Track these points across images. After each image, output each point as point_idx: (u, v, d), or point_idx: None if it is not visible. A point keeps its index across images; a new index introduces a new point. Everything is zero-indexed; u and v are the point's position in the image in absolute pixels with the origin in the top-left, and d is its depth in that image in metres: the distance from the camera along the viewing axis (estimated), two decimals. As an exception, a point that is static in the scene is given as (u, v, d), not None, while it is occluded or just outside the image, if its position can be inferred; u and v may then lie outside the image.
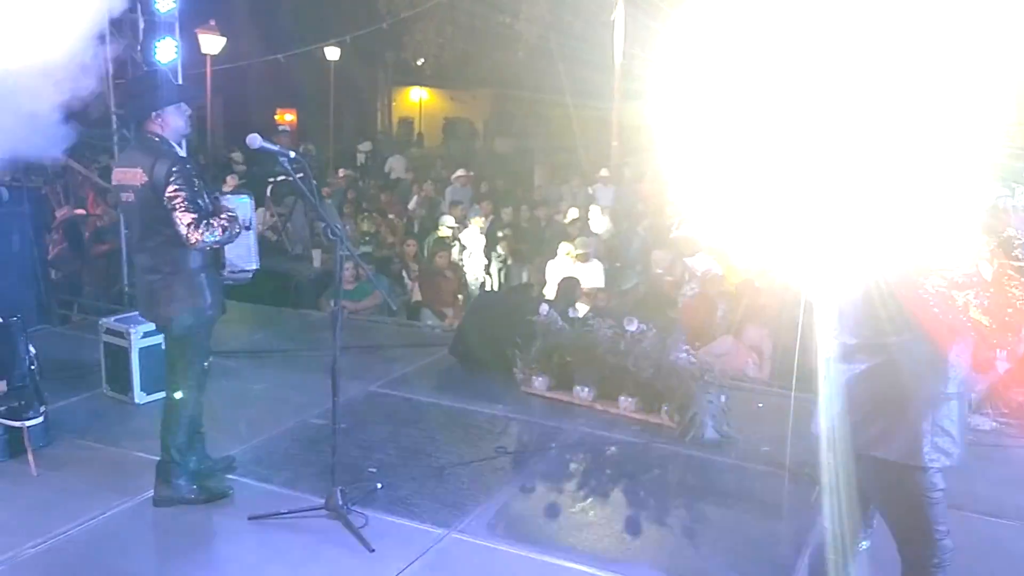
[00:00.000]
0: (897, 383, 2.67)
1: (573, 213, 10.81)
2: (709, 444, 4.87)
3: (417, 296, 8.46)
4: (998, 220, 2.64)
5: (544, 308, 5.57)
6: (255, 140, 3.63)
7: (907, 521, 2.81)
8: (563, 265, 8.61)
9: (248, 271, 4.07)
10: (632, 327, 5.24)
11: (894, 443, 2.70)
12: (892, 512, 2.86)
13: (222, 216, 3.77)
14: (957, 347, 2.63)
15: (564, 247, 8.75)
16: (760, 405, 5.58)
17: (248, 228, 4.02)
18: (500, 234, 10.72)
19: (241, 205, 3.98)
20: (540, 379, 5.51)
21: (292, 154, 3.69)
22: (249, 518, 3.90)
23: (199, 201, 3.75)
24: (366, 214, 11.27)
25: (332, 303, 3.77)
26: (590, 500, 4.30)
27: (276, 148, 3.68)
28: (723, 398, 5.07)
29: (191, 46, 14.40)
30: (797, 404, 5.60)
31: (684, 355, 5.20)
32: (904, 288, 2.57)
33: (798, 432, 5.09)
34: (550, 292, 7.95)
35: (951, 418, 2.67)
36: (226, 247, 3.91)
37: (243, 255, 4.01)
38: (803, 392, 5.91)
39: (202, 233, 3.70)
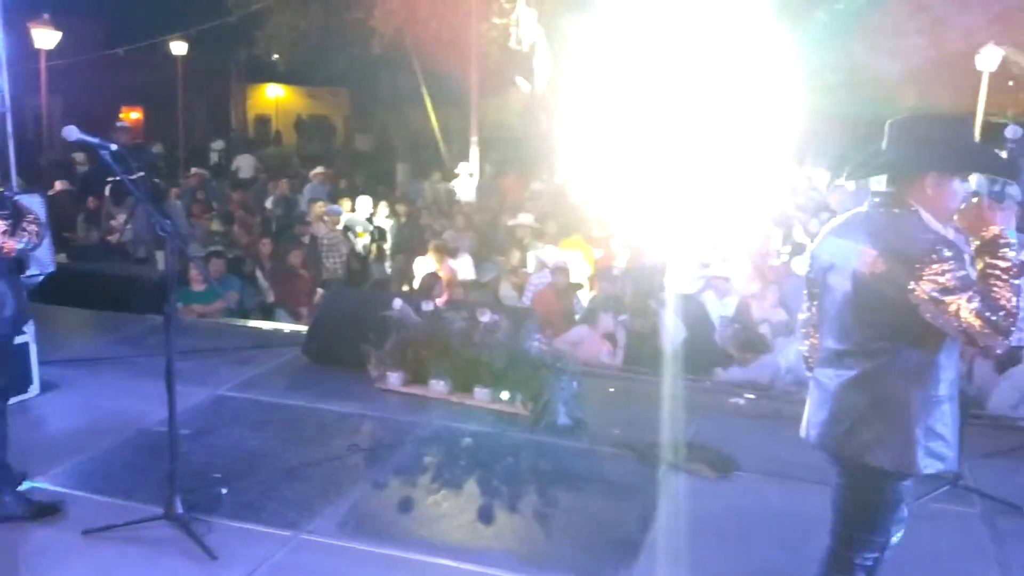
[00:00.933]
0: (888, 389, 2.62)
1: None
2: (562, 430, 4.94)
3: (272, 296, 8.25)
4: (979, 219, 2.54)
5: (397, 303, 5.52)
6: (72, 132, 3.43)
7: (864, 523, 2.78)
8: (431, 261, 8.58)
9: (43, 274, 3.85)
10: (485, 318, 5.26)
11: (887, 450, 2.63)
12: (852, 513, 2.81)
13: (29, 219, 3.56)
14: (948, 349, 2.61)
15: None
16: (612, 390, 5.71)
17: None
18: (359, 230, 10.61)
19: (35, 205, 3.77)
20: (395, 375, 5.46)
21: (114, 147, 3.50)
22: (83, 533, 3.68)
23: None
24: (215, 214, 10.90)
25: (169, 303, 3.60)
26: (443, 492, 4.28)
27: (95, 141, 3.48)
28: (575, 384, 5.17)
29: (22, 40, 13.55)
30: (647, 387, 5.83)
31: (537, 344, 5.27)
32: (895, 293, 2.51)
33: (647, 414, 5.28)
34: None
35: (944, 422, 2.63)
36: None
37: (43, 258, 3.80)
38: (655, 376, 6.17)
39: (17, 240, 3.48)
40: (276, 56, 20.40)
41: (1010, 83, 20.43)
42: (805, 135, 21.61)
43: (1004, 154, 3.93)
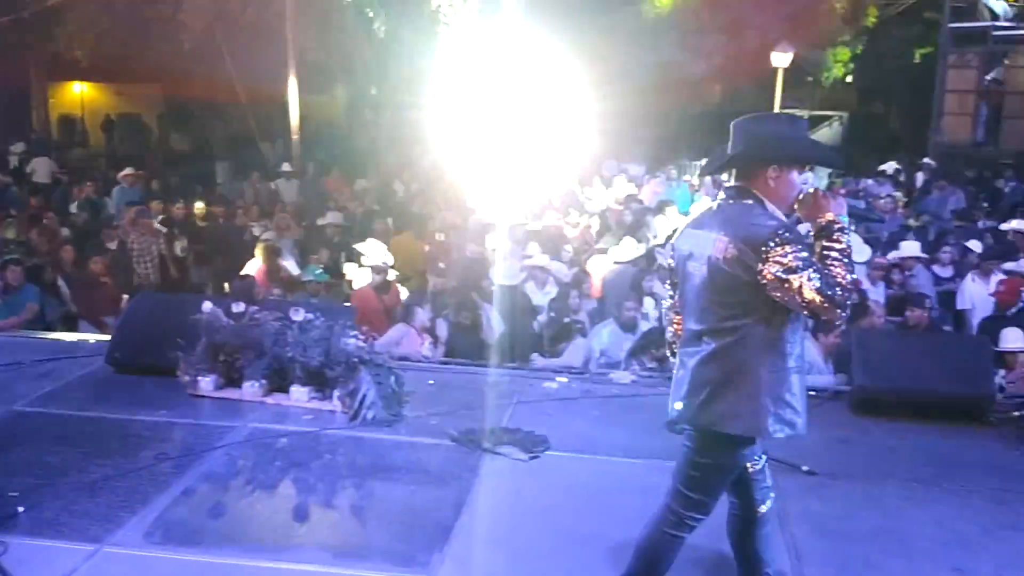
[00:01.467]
0: (739, 362, 2.86)
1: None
2: (380, 424, 5.00)
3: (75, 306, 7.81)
4: (816, 207, 2.83)
5: (207, 306, 5.38)
6: None
7: (697, 485, 3.03)
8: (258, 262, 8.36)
9: None
10: (299, 316, 5.23)
11: (739, 418, 2.87)
12: (695, 477, 3.05)
13: None
14: (792, 325, 2.87)
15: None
16: (431, 382, 5.81)
17: None
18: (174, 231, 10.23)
19: None
20: (207, 379, 5.33)
21: None
22: None
23: None
24: (11, 220, 10.18)
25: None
26: (257, 494, 4.25)
27: None
28: (393, 379, 5.23)
29: None
30: (466, 378, 5.97)
31: (353, 340, 5.29)
32: (745, 275, 2.76)
33: (465, 403, 5.42)
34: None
35: (791, 391, 2.87)
36: None
37: None
38: (474, 367, 6.32)
39: None
40: (80, 53, 19.21)
41: (809, 79, 22.08)
42: (620, 132, 22.53)
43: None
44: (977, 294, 7.96)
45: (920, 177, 15.79)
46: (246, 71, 18.35)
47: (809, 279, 2.64)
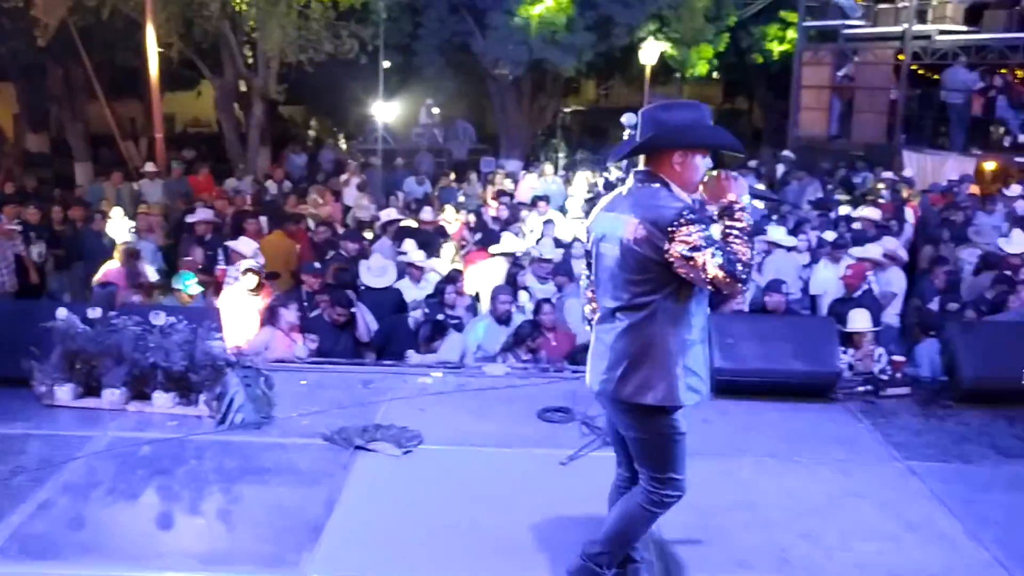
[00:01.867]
0: (652, 336, 3.03)
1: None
2: (249, 427, 4.92)
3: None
4: (718, 189, 3.02)
5: (61, 311, 5.17)
6: None
7: (657, 463, 3.16)
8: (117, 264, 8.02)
9: None
10: (159, 320, 5.08)
11: (655, 389, 3.03)
12: (644, 454, 3.20)
13: None
14: (697, 299, 3.07)
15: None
16: (303, 383, 5.75)
17: None
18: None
19: None
20: (64, 388, 5.12)
21: None
22: None
23: None
24: None
25: None
26: (120, 504, 4.12)
27: None
28: (262, 380, 5.16)
29: None
30: (339, 378, 5.94)
31: (218, 342, 5.18)
32: (653, 254, 2.93)
33: (338, 402, 5.40)
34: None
35: (697, 360, 3.08)
36: None
37: None
38: (348, 366, 6.29)
39: None
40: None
41: (677, 75, 22.78)
42: (497, 129, 22.73)
43: (625, 136, 4.44)
44: (828, 279, 8.43)
45: (780, 169, 16.56)
46: (105, 68, 17.57)
47: (712, 256, 2.82)
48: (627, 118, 4.44)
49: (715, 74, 25.39)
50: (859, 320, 6.69)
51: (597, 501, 4.18)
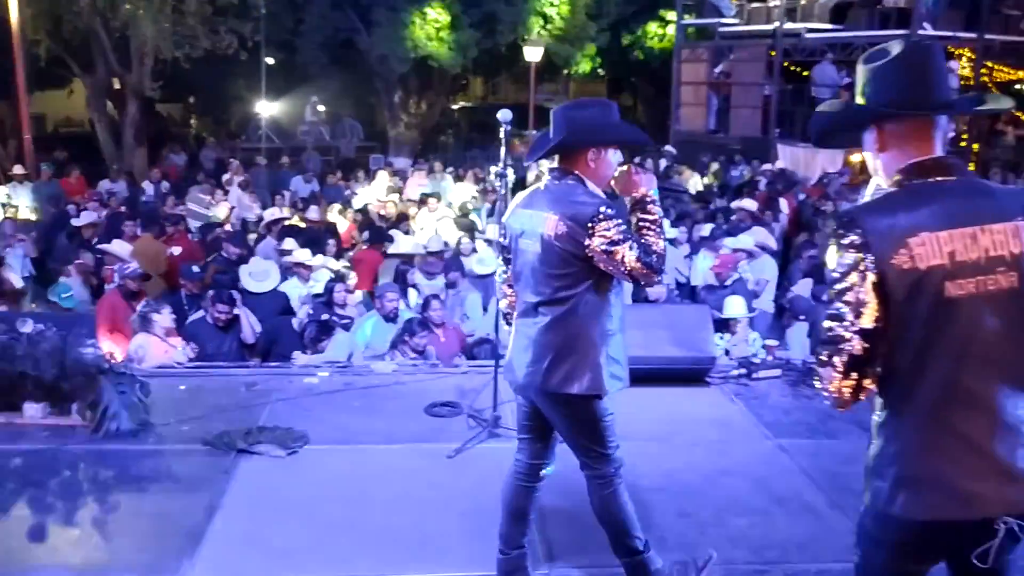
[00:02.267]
0: (576, 328, 3.10)
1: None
2: (126, 435, 4.78)
3: None
4: (629, 183, 3.12)
5: (-84, 323, 4.90)
6: None
7: (590, 444, 3.24)
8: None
9: None
10: (27, 328, 4.88)
11: (581, 379, 3.09)
12: (577, 439, 3.27)
13: None
14: (615, 291, 3.16)
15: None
16: (183, 387, 5.62)
17: None
18: None
19: None
20: (-75, 403, 4.86)
21: None
22: None
23: None
24: None
25: None
26: (-14, 520, 3.95)
27: None
28: (138, 387, 5.01)
29: None
30: (221, 381, 5.82)
31: (92, 349, 5.01)
32: (574, 249, 3.01)
33: (219, 406, 5.30)
34: None
35: (617, 349, 3.17)
36: None
37: None
38: (230, 369, 6.17)
39: None
40: None
41: (565, 72, 23.12)
42: (386, 126, 22.57)
43: (501, 134, 4.51)
44: (708, 270, 8.74)
45: (663, 163, 17.04)
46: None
47: (631, 248, 2.95)
48: (503, 114, 4.49)
49: (600, 71, 25.87)
50: (734, 307, 6.97)
51: (484, 491, 4.26)
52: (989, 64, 16.83)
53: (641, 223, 3.08)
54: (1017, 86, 18.75)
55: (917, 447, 2.01)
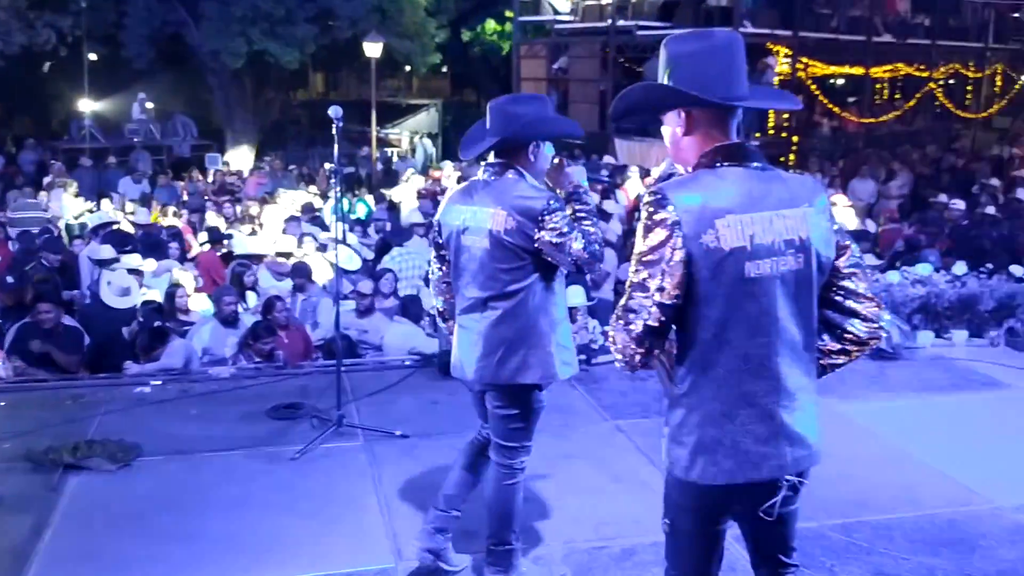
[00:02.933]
0: (526, 319, 3.15)
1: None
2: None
3: None
4: (562, 176, 3.23)
5: None
6: None
7: (517, 432, 3.27)
8: None
9: None
10: None
11: (533, 368, 3.15)
12: (508, 428, 3.27)
13: None
14: (559, 280, 3.23)
15: None
16: (2, 404, 5.28)
17: None
18: None
19: None
20: None
21: None
22: None
23: None
24: None
25: None
26: None
27: None
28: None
29: None
30: (45, 396, 5.51)
31: None
32: (524, 243, 3.07)
33: (44, 421, 5.01)
34: None
35: (566, 336, 3.26)
36: None
37: None
38: (54, 383, 5.84)
39: None
40: None
41: (407, 68, 22.99)
42: (222, 123, 21.81)
43: (333, 130, 4.49)
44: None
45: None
46: None
47: (576, 239, 3.04)
48: (333, 110, 4.46)
49: (443, 67, 25.95)
50: (574, 296, 7.18)
51: (331, 490, 4.25)
52: (804, 60, 17.94)
53: (578, 213, 3.15)
54: (831, 80, 20.13)
55: (715, 415, 2.13)
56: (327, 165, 12.53)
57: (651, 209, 2.10)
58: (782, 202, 2.12)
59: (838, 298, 2.24)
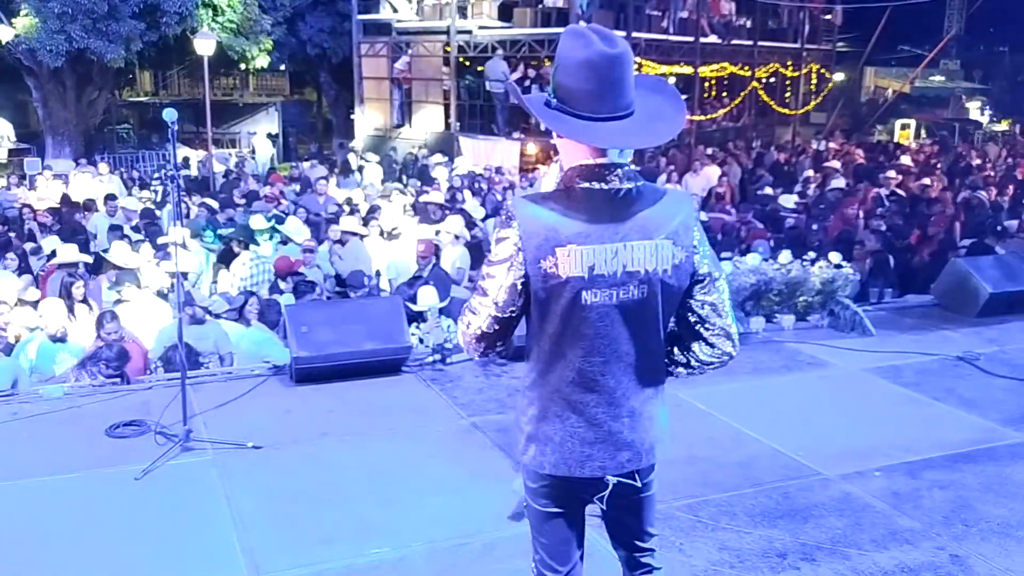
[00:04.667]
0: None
1: None
2: None
3: None
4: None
5: None
6: None
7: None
8: None
9: None
10: None
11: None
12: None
13: None
14: None
15: None
16: None
17: None
18: None
19: None
20: None
21: None
22: None
23: None
24: None
25: None
26: None
27: None
28: None
29: None
30: None
31: None
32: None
33: None
34: None
35: None
36: None
37: None
38: None
39: None
40: None
41: (243, 67, 22.22)
42: (42, 126, 20.43)
43: (169, 134, 4.31)
44: (403, 263, 8.96)
45: (355, 160, 17.09)
46: None
47: None
48: (168, 113, 4.28)
49: (281, 65, 25.26)
50: (426, 297, 7.19)
51: (179, 510, 4.09)
52: (638, 59, 18.63)
53: None
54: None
55: (548, 415, 2.28)
56: (163, 172, 11.97)
57: (502, 221, 2.18)
58: (635, 232, 2.15)
59: (692, 319, 2.31)
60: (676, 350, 2.37)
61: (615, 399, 2.26)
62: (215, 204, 11.51)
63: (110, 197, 11.68)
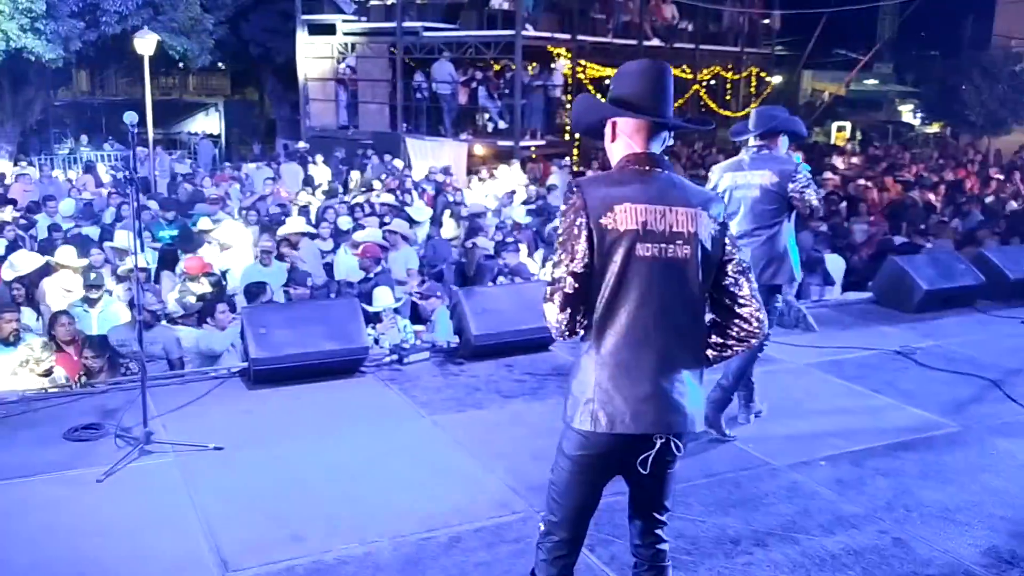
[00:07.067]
0: (776, 246, 4.98)
1: None
2: None
3: None
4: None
5: None
6: None
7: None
8: None
9: None
10: None
11: None
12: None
13: None
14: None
15: None
16: None
17: None
18: None
19: None
20: None
21: None
22: None
23: None
24: None
25: None
26: None
27: None
28: None
29: None
30: None
31: None
32: (779, 191, 4.86)
33: None
34: None
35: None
36: None
37: None
38: None
39: None
40: None
41: (181, 66, 21.88)
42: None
43: (129, 137, 4.31)
44: (348, 264, 8.97)
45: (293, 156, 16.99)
46: None
47: (811, 192, 4.87)
48: (128, 116, 4.29)
49: (221, 64, 24.95)
50: (382, 298, 7.25)
51: (142, 511, 4.10)
52: (583, 62, 18.85)
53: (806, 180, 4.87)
54: (607, 81, 21.27)
55: (604, 375, 2.51)
56: (120, 174, 11.78)
57: (568, 196, 2.55)
58: (677, 201, 2.54)
59: (725, 300, 2.63)
60: (714, 334, 2.65)
61: (664, 357, 2.52)
62: (155, 205, 11.36)
63: (51, 198, 11.47)
